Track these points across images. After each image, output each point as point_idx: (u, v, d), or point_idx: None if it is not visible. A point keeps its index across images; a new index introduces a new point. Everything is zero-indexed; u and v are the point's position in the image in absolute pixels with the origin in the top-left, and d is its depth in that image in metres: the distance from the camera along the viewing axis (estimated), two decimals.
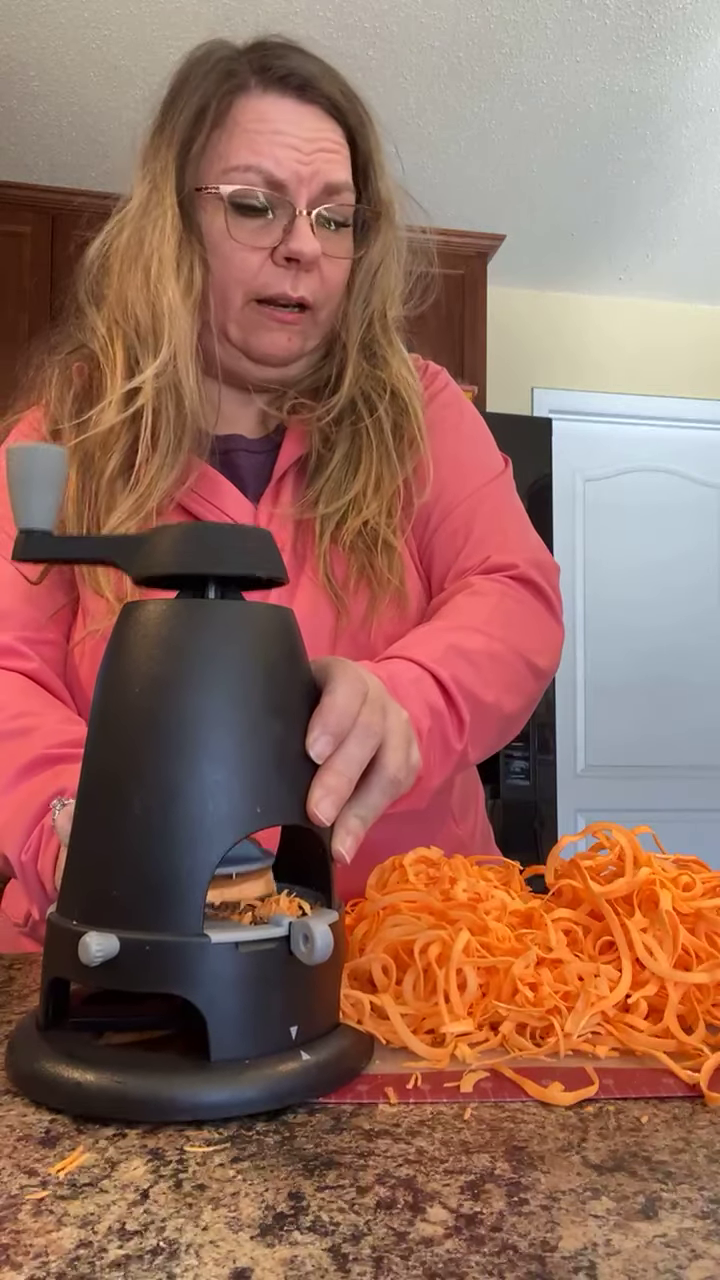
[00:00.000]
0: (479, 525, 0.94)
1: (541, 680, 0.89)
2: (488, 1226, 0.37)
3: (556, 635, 0.93)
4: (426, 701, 0.75)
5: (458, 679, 0.78)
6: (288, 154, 0.83)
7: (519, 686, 0.85)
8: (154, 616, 0.52)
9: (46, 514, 0.56)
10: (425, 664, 0.78)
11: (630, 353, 3.79)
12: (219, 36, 0.92)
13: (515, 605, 0.88)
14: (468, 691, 0.79)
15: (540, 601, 0.91)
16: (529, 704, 0.88)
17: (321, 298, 0.88)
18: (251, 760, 0.51)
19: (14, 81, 2.55)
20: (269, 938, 0.49)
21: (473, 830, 0.98)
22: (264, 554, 0.56)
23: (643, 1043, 0.53)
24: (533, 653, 0.87)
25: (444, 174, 3.01)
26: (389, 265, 0.93)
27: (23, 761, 0.76)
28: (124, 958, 0.48)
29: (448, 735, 0.77)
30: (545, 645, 0.90)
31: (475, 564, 0.91)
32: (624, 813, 3.53)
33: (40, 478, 0.55)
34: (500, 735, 0.86)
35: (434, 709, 0.76)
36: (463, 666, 0.79)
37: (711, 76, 2.61)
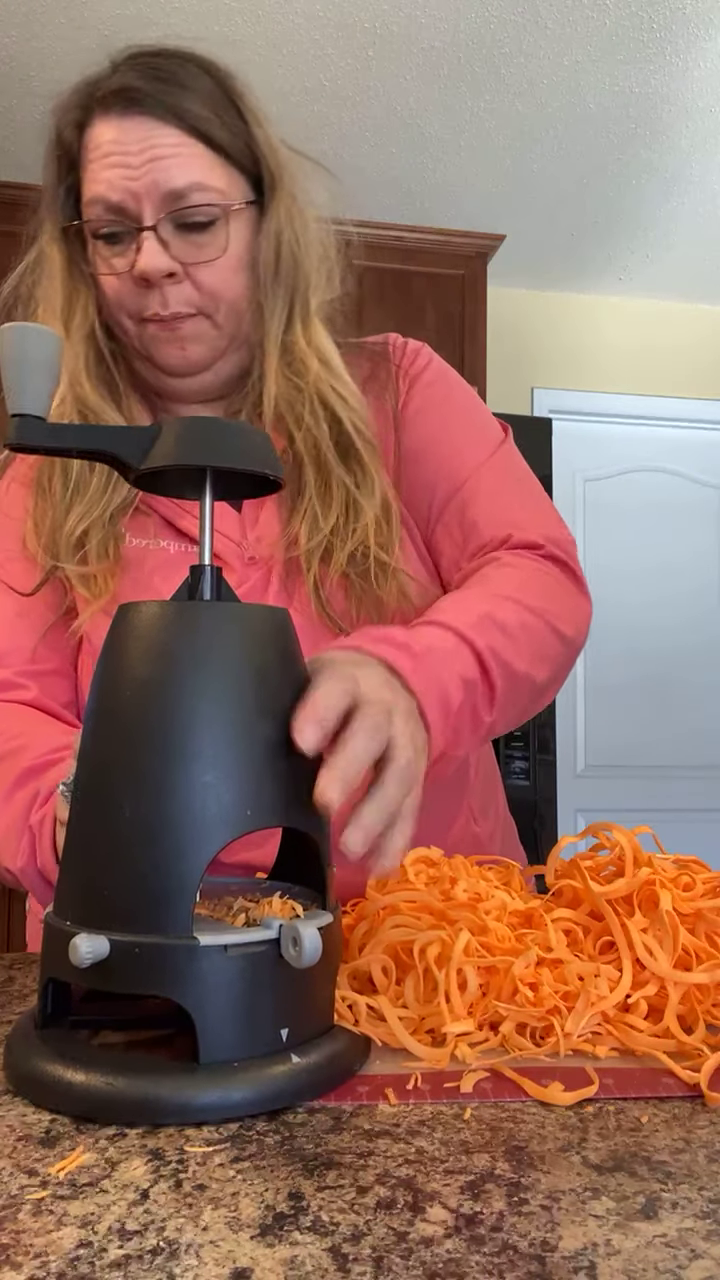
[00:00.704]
0: (486, 504, 0.90)
1: (570, 651, 0.87)
2: (488, 1226, 0.37)
3: (585, 609, 0.90)
4: (461, 674, 0.72)
5: (493, 648, 0.76)
6: (116, 174, 0.81)
7: (549, 656, 0.83)
8: (146, 618, 0.52)
9: (41, 399, 0.53)
10: (462, 631, 0.75)
11: (630, 353, 3.78)
12: (108, 52, 0.87)
13: (545, 578, 0.86)
14: (502, 661, 0.76)
15: (568, 577, 0.89)
16: (557, 675, 0.86)
17: (207, 304, 0.85)
18: (242, 762, 0.50)
19: (14, 81, 2.55)
20: (258, 940, 0.49)
21: (492, 830, 0.97)
22: (264, 453, 0.56)
23: (643, 1043, 0.53)
24: (563, 623, 0.85)
25: (444, 174, 3.01)
26: (295, 242, 0.87)
27: (12, 778, 0.78)
28: (114, 959, 0.48)
29: (478, 707, 0.75)
30: (574, 617, 0.87)
31: (495, 541, 0.88)
32: (624, 813, 3.52)
33: (32, 360, 0.53)
34: (529, 705, 0.84)
35: (468, 681, 0.73)
36: (497, 636, 0.77)
37: (711, 76, 2.61)
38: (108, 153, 0.81)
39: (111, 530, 0.86)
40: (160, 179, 0.81)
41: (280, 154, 0.87)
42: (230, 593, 0.57)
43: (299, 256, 0.87)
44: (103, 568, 0.86)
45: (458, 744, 0.73)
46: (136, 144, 0.81)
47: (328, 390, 0.87)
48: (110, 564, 0.86)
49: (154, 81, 0.81)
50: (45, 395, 0.54)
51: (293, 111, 2.71)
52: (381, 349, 0.97)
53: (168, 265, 0.82)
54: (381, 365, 0.95)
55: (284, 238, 0.86)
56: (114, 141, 0.81)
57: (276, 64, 2.53)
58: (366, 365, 0.95)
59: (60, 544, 0.86)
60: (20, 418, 0.53)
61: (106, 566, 0.86)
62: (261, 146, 0.86)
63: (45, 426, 0.54)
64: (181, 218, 0.82)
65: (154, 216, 0.81)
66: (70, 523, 0.86)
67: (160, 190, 0.81)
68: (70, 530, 0.85)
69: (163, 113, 0.81)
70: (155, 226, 0.81)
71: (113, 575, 0.86)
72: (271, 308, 0.87)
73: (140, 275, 0.82)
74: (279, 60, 2.51)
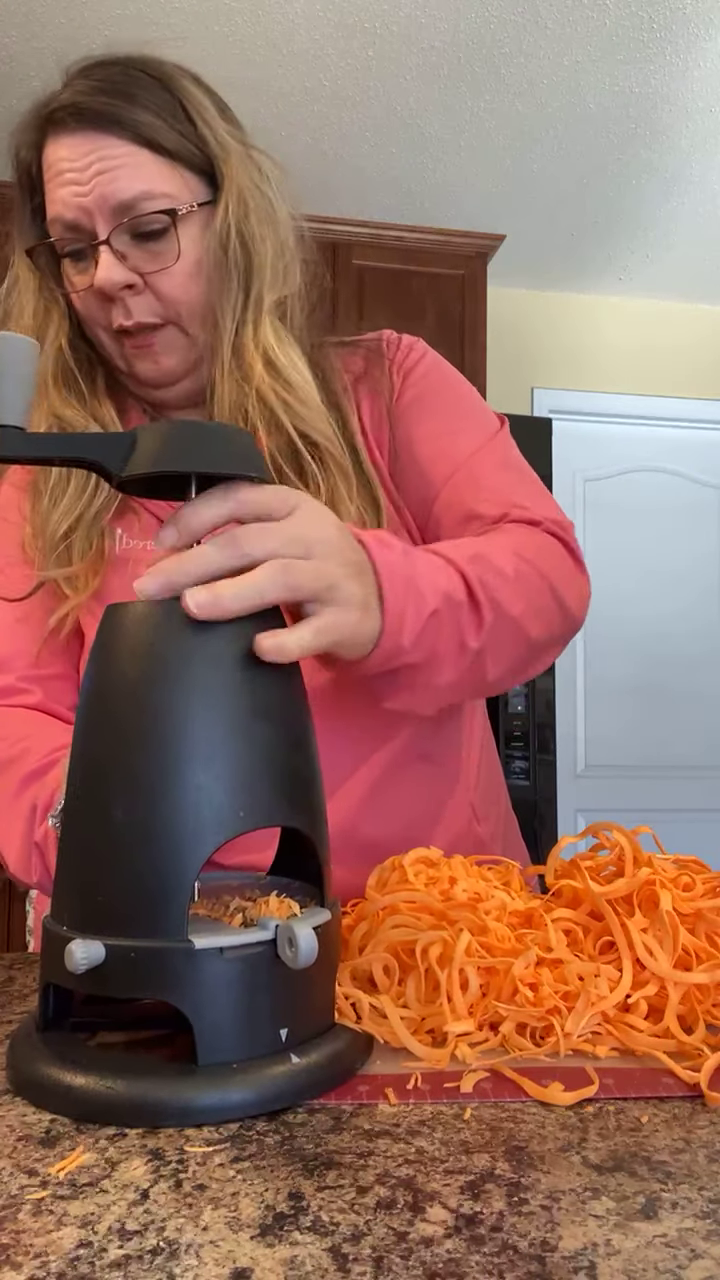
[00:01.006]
0: (483, 486, 0.88)
1: (569, 620, 0.84)
2: (488, 1226, 0.37)
3: (585, 588, 0.88)
4: (443, 588, 0.70)
5: (483, 580, 0.74)
6: (67, 192, 0.81)
7: (545, 614, 0.80)
8: (135, 619, 0.52)
9: (17, 409, 0.53)
10: (453, 559, 0.73)
11: (630, 353, 3.79)
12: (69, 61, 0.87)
13: (545, 544, 0.84)
14: (492, 596, 0.74)
15: (569, 555, 0.87)
16: (553, 638, 0.83)
17: (170, 312, 0.84)
18: (235, 763, 0.50)
19: (14, 81, 2.55)
20: (254, 942, 0.49)
21: (494, 830, 0.96)
22: (249, 455, 0.55)
23: (643, 1043, 0.53)
24: (563, 588, 0.82)
25: (444, 174, 3.01)
26: (247, 238, 0.85)
27: (15, 782, 0.79)
28: (110, 964, 0.47)
29: (463, 628, 0.72)
30: (573, 586, 0.85)
31: (492, 519, 0.86)
32: (624, 813, 3.52)
33: (11, 370, 0.52)
34: (524, 659, 0.80)
35: (450, 597, 0.70)
36: (490, 573, 0.75)
37: (711, 76, 2.61)
38: (59, 171, 0.81)
39: (95, 528, 0.86)
40: (108, 192, 0.80)
41: (229, 148, 0.85)
42: None
43: (250, 252, 0.85)
44: (85, 566, 0.86)
45: (434, 658, 0.70)
46: (83, 159, 0.80)
47: (269, 393, 0.84)
48: (93, 560, 0.86)
49: (98, 95, 0.81)
50: (22, 405, 0.53)
51: (293, 111, 2.72)
52: (376, 345, 0.96)
53: (124, 277, 0.81)
54: (375, 362, 0.94)
55: (232, 235, 0.84)
56: (64, 159, 0.81)
57: (276, 64, 2.53)
58: (360, 363, 0.95)
59: (46, 545, 0.87)
60: (1, 429, 0.52)
61: (89, 564, 0.86)
62: (210, 144, 0.84)
63: (23, 437, 0.53)
64: (134, 228, 0.81)
65: (106, 230, 0.81)
66: (53, 523, 0.86)
67: (109, 203, 0.80)
68: (53, 530, 0.86)
69: (107, 125, 0.81)
70: (109, 240, 0.81)
71: (95, 572, 0.86)
72: (223, 308, 0.85)
73: (98, 289, 0.82)
74: (279, 60, 2.51)
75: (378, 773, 0.86)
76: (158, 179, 0.82)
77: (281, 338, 0.86)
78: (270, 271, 0.86)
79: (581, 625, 0.87)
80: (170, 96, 0.83)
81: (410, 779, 0.87)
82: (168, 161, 0.82)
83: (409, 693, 0.72)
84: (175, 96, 0.84)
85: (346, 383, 0.92)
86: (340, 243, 3.04)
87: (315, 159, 2.88)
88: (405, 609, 0.65)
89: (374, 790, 0.85)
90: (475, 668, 0.75)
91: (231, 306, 0.85)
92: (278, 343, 0.86)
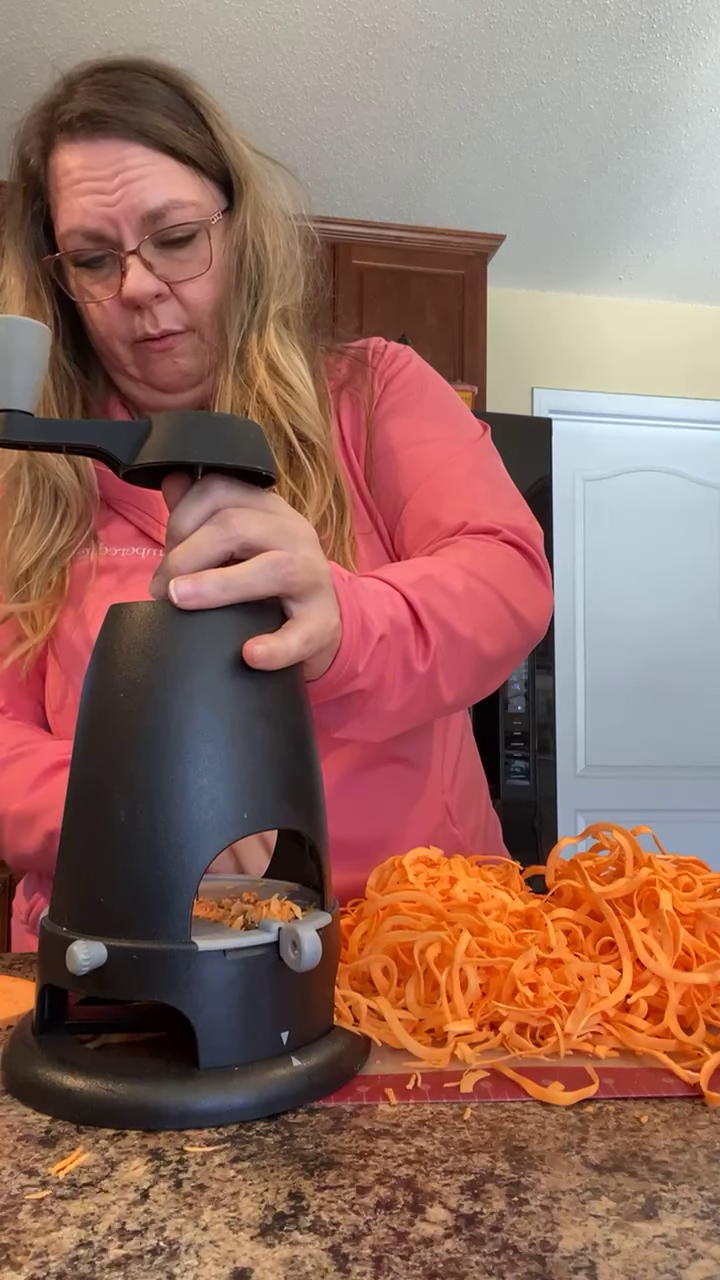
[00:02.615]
0: (449, 497, 0.87)
1: (527, 633, 0.83)
2: (488, 1226, 0.37)
3: (543, 594, 0.86)
4: (388, 614, 0.69)
5: (429, 603, 0.73)
6: (92, 201, 0.80)
7: (500, 631, 0.80)
8: (137, 620, 0.52)
9: (28, 392, 0.52)
10: (398, 585, 0.72)
11: (630, 353, 3.79)
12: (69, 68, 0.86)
13: (500, 558, 0.83)
14: (440, 619, 0.73)
15: (529, 563, 0.85)
16: (510, 653, 0.82)
17: (195, 319, 0.85)
18: (238, 764, 0.50)
19: (14, 81, 2.55)
20: (257, 944, 0.49)
21: (473, 832, 0.95)
22: (258, 449, 0.55)
23: (643, 1043, 0.53)
24: (518, 601, 0.81)
25: (444, 174, 3.01)
26: (260, 247, 0.86)
27: (42, 768, 0.80)
28: (112, 966, 0.47)
29: (409, 653, 0.71)
30: (531, 598, 0.84)
31: (451, 529, 0.85)
32: (624, 813, 3.52)
33: (19, 353, 0.52)
34: (478, 677, 0.80)
35: (396, 623, 0.70)
36: (438, 595, 0.74)
37: (711, 76, 2.61)
38: (78, 179, 0.80)
39: (55, 567, 0.86)
40: (136, 202, 0.79)
41: (245, 156, 0.86)
42: None
43: (263, 262, 0.86)
44: (42, 603, 0.86)
45: (382, 685, 0.69)
46: (107, 168, 0.79)
47: (270, 395, 0.85)
48: (51, 598, 0.86)
49: (115, 101, 0.80)
50: (32, 389, 0.52)
51: (293, 111, 2.72)
52: (361, 353, 0.96)
53: (155, 287, 0.81)
54: (359, 370, 0.94)
55: (249, 244, 0.85)
56: (83, 167, 0.80)
57: (276, 64, 2.53)
58: (345, 370, 0.95)
59: (6, 582, 0.87)
60: (7, 413, 0.52)
61: (46, 602, 0.86)
62: (226, 151, 0.84)
63: (33, 421, 0.53)
64: (162, 237, 0.81)
65: (135, 239, 0.80)
66: (14, 560, 0.86)
67: (138, 213, 0.80)
68: (14, 567, 0.86)
69: (129, 132, 0.80)
70: (138, 249, 0.80)
71: (53, 610, 0.87)
72: (232, 314, 0.85)
73: (129, 299, 0.81)
74: (279, 60, 2.51)
75: (346, 772, 0.85)
76: (183, 187, 0.81)
77: (285, 343, 0.87)
78: (278, 281, 0.86)
79: (541, 636, 0.87)
80: (185, 102, 0.83)
81: (380, 779, 0.87)
82: (191, 169, 0.82)
83: (358, 721, 0.71)
84: (191, 104, 0.84)
85: (329, 389, 0.92)
86: (340, 243, 3.04)
87: (315, 159, 2.88)
88: (359, 630, 0.65)
89: (341, 789, 0.84)
90: (427, 692, 0.74)
91: (240, 312, 0.85)
92: (281, 347, 0.86)
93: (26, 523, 0.86)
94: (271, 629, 0.54)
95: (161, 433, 0.54)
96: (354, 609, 0.65)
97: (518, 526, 0.86)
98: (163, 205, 0.80)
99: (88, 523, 0.88)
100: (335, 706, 0.69)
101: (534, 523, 0.89)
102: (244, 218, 0.85)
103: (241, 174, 0.85)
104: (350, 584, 0.66)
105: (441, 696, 0.76)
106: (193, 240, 0.82)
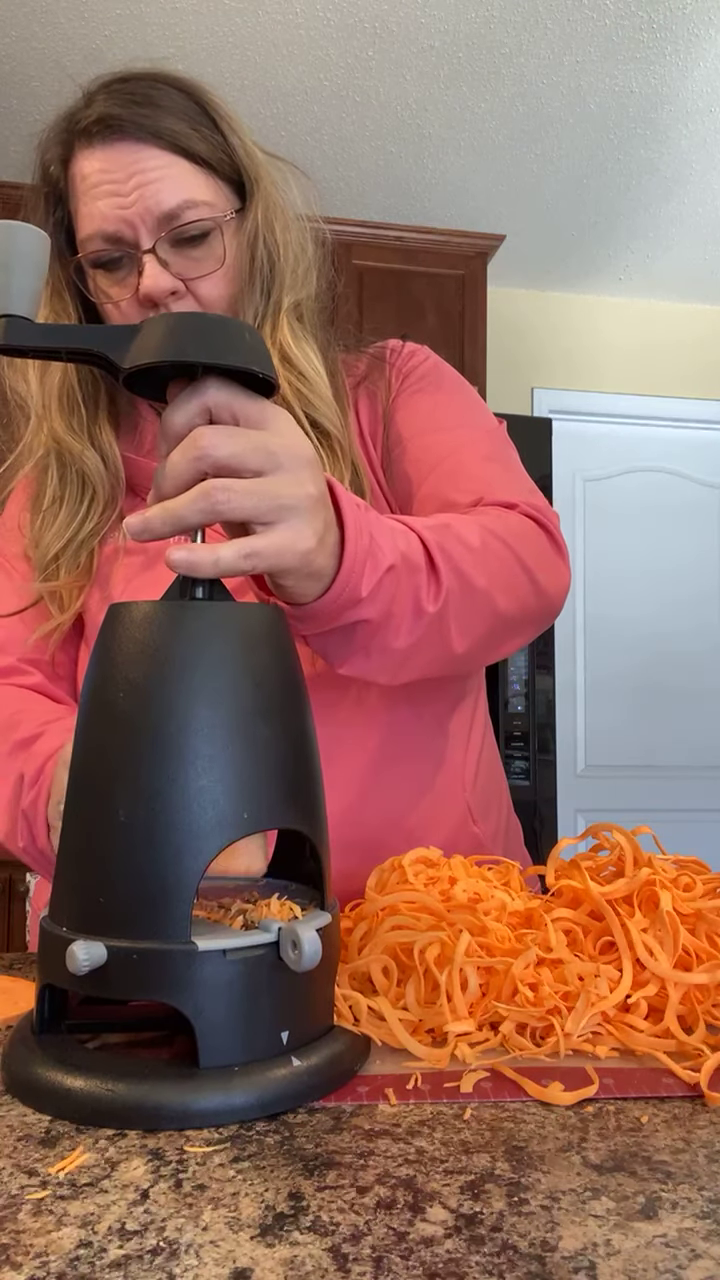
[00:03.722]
0: (464, 478, 0.87)
1: (543, 599, 0.82)
2: (488, 1226, 0.37)
3: (561, 568, 0.85)
4: (400, 548, 0.68)
5: (444, 548, 0.72)
6: (108, 204, 0.82)
7: (516, 590, 0.79)
8: (138, 619, 0.52)
9: (27, 298, 0.53)
10: (415, 527, 0.72)
11: (630, 353, 3.79)
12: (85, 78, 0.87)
13: (519, 525, 0.82)
14: (455, 565, 0.72)
15: (547, 538, 0.84)
16: (526, 615, 0.81)
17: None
18: (239, 764, 0.50)
19: (14, 81, 2.55)
20: (257, 944, 0.49)
21: (494, 833, 0.95)
22: (258, 351, 0.55)
23: (643, 1043, 0.53)
24: (535, 566, 0.80)
25: (444, 174, 3.01)
26: (272, 245, 0.87)
27: (4, 751, 0.81)
28: (112, 966, 0.47)
29: (420, 591, 0.70)
30: (549, 568, 0.82)
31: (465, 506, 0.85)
32: (624, 813, 3.53)
33: (20, 258, 0.52)
34: (492, 633, 0.79)
35: (409, 559, 0.69)
36: (454, 543, 0.73)
37: (711, 76, 2.61)
38: (96, 183, 0.82)
39: (84, 550, 0.88)
40: (152, 203, 0.81)
41: (256, 158, 0.88)
42: (223, 590, 0.56)
43: (274, 258, 0.88)
44: (70, 581, 0.88)
45: (390, 619, 0.68)
46: (122, 170, 0.81)
47: (284, 384, 0.86)
48: (79, 577, 0.88)
49: (130, 106, 0.82)
50: (33, 295, 0.53)
51: (293, 112, 2.72)
52: (380, 352, 0.98)
53: (171, 284, 0.83)
54: (377, 367, 0.96)
55: (261, 241, 0.87)
56: (100, 171, 0.82)
57: (276, 64, 2.53)
58: (363, 367, 0.96)
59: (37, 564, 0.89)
60: (8, 318, 0.52)
61: (74, 580, 0.88)
62: (239, 153, 0.87)
63: (34, 327, 0.53)
64: (177, 235, 0.83)
65: (151, 239, 0.82)
66: (44, 544, 0.88)
67: (154, 214, 0.82)
68: (44, 551, 0.88)
69: (143, 135, 0.82)
70: (154, 248, 0.82)
71: (81, 589, 0.89)
72: (245, 309, 0.87)
73: (145, 297, 0.83)
74: (279, 60, 2.51)
75: (368, 770, 0.85)
76: (197, 187, 0.84)
77: (298, 335, 0.89)
78: (290, 276, 0.88)
79: (559, 610, 0.86)
80: (198, 107, 0.86)
81: (402, 777, 0.87)
82: (204, 170, 0.84)
83: (364, 656, 0.70)
84: (204, 108, 0.86)
85: (347, 385, 0.94)
86: (340, 242, 3.03)
87: (315, 159, 2.88)
88: (364, 557, 0.64)
89: (363, 787, 0.84)
90: (436, 635, 0.73)
91: (254, 308, 0.87)
92: (294, 339, 0.88)
93: (56, 507, 0.89)
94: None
95: (157, 334, 0.53)
96: (360, 532, 0.64)
97: (535, 504, 0.86)
98: (177, 205, 0.82)
99: (114, 507, 0.89)
100: (339, 637, 0.68)
101: (549, 506, 0.89)
102: (255, 216, 0.86)
103: (253, 174, 0.87)
104: (363, 510, 0.66)
105: (452, 644, 0.75)
106: (207, 239, 0.84)
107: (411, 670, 0.75)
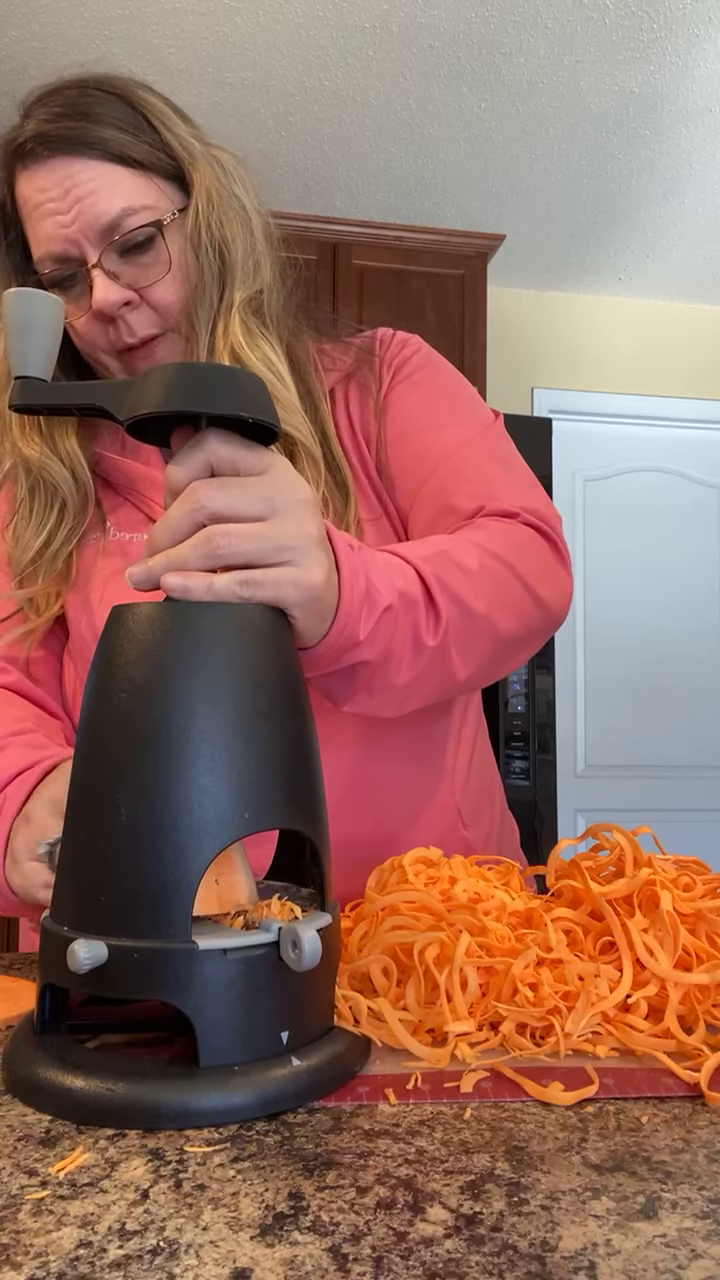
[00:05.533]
0: (464, 481, 0.87)
1: (546, 612, 0.82)
2: (488, 1226, 0.37)
3: (563, 577, 0.85)
4: (398, 586, 0.68)
5: (441, 578, 0.72)
6: (50, 224, 0.82)
7: (517, 608, 0.79)
8: (140, 620, 0.52)
9: (43, 361, 0.56)
10: (410, 559, 0.72)
11: (630, 353, 3.79)
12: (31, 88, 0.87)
13: (519, 538, 0.82)
14: (453, 594, 0.72)
15: (548, 546, 0.85)
16: (530, 632, 0.81)
17: (169, 320, 0.85)
18: (240, 764, 0.50)
19: (14, 81, 2.55)
20: (258, 943, 0.49)
21: (485, 836, 0.94)
22: (258, 399, 0.55)
23: (643, 1043, 0.53)
24: (535, 581, 0.80)
25: (444, 174, 3.01)
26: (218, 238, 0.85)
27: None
28: (113, 965, 0.47)
29: (419, 626, 0.70)
30: (550, 579, 0.83)
31: (468, 513, 0.84)
32: (624, 813, 3.53)
33: (37, 325, 0.55)
34: (494, 655, 0.79)
35: (406, 595, 0.69)
36: (451, 570, 0.73)
37: (711, 76, 2.61)
38: (37, 204, 0.82)
39: (59, 556, 0.88)
40: (90, 217, 0.81)
41: (195, 150, 0.86)
42: None
43: (223, 251, 0.86)
44: (46, 586, 0.88)
45: (390, 658, 0.68)
46: (58, 188, 0.81)
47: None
48: (56, 581, 0.88)
49: (59, 120, 0.82)
50: (47, 357, 0.55)
51: (293, 112, 2.72)
52: (368, 344, 0.96)
53: (121, 295, 0.82)
54: (365, 360, 0.94)
55: (203, 237, 0.85)
56: (39, 192, 0.82)
57: (276, 64, 2.53)
58: (350, 360, 0.94)
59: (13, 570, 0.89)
60: (23, 380, 0.55)
61: (51, 585, 0.88)
62: (175, 148, 0.85)
63: (45, 387, 0.56)
64: (122, 244, 0.82)
65: (96, 252, 0.82)
66: (17, 553, 0.88)
67: (95, 227, 0.81)
68: (19, 558, 0.88)
69: (75, 149, 0.81)
70: (100, 262, 0.82)
71: (57, 595, 0.89)
72: (199, 309, 0.86)
73: (98, 312, 0.83)
74: (279, 60, 2.51)
75: (355, 772, 0.85)
76: (135, 192, 0.83)
77: (252, 331, 0.86)
78: (240, 270, 0.86)
79: (562, 620, 0.86)
80: (130, 109, 0.84)
81: (390, 779, 0.86)
82: (141, 173, 0.83)
83: (367, 694, 0.70)
84: (135, 108, 0.85)
85: (323, 372, 0.92)
86: (340, 243, 3.04)
87: (315, 159, 2.88)
88: (360, 600, 0.64)
89: (350, 789, 0.83)
90: (438, 667, 0.73)
91: (206, 308, 0.86)
92: (247, 337, 0.86)
93: (27, 516, 0.89)
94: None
95: (156, 385, 0.54)
96: (356, 574, 0.64)
97: (536, 510, 0.85)
98: (117, 215, 0.81)
99: (85, 514, 0.89)
100: (342, 678, 0.68)
101: (551, 507, 0.88)
102: (197, 208, 0.85)
103: (190, 169, 0.85)
104: (358, 552, 0.66)
105: (454, 672, 0.75)
106: (153, 244, 0.83)
107: (416, 701, 0.76)
